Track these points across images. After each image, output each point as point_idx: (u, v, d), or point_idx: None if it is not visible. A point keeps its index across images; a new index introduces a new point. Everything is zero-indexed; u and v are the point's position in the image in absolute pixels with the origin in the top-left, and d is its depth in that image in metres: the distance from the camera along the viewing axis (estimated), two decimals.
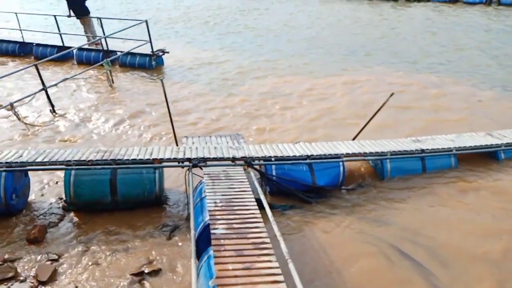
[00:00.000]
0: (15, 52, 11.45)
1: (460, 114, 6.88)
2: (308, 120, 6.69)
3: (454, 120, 6.64)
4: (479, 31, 13.37)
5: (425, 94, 7.81)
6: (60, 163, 4.23)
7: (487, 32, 13.25)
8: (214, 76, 9.23)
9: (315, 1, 22.65)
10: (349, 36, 13.22)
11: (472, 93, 7.91)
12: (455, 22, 15.02)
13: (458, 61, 10.10)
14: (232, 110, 7.22)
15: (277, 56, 10.83)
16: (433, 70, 9.32)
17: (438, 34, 13.01)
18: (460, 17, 15.97)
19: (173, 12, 20.05)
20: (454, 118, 6.72)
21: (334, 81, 8.63)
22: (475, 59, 10.25)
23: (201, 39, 13.52)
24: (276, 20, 16.66)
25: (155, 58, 9.80)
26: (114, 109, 7.40)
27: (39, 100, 7.49)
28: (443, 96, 7.70)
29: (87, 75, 9.10)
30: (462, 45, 11.58)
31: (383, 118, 5.88)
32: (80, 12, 10.32)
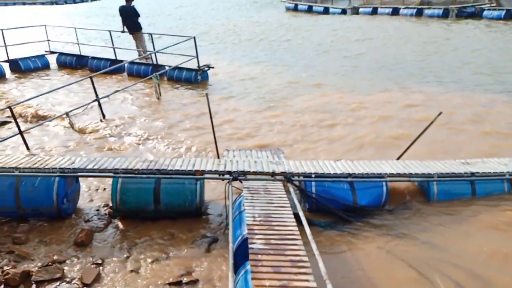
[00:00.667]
0: (72, 65, 12.26)
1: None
2: (352, 138, 6.57)
3: (508, 143, 6.25)
4: None
5: (477, 115, 7.42)
6: (109, 170, 4.44)
7: None
8: (257, 91, 9.35)
9: (359, 17, 22.52)
10: (398, 52, 12.97)
11: None
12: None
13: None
14: (274, 125, 7.25)
15: (323, 72, 10.83)
16: (487, 91, 8.86)
17: (493, 53, 12.43)
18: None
19: (220, 29, 20.67)
20: (508, 141, 6.34)
21: (381, 98, 8.43)
22: None
23: (247, 54, 13.81)
24: (322, 36, 16.69)
25: (200, 73, 10.11)
26: (160, 120, 7.68)
27: (92, 110, 7.91)
28: (496, 118, 7.28)
29: (136, 88, 9.55)
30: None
31: (430, 138, 5.66)
32: (133, 28, 10.89)
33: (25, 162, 4.56)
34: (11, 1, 54.77)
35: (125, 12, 10.76)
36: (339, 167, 4.55)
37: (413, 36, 15.81)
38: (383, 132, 6.74)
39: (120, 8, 10.83)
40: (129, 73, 11.07)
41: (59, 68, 12.40)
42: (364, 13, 23.89)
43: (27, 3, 51.51)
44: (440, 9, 19.95)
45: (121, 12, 10.81)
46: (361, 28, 18.68)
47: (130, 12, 10.72)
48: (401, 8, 21.88)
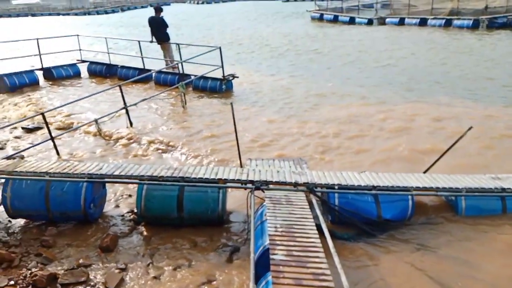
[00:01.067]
0: (102, 73, 12.66)
1: None
2: (377, 150, 6.46)
3: None
4: None
5: (510, 129, 7.15)
6: (135, 177, 4.54)
7: None
8: (282, 101, 9.36)
9: (386, 27, 22.28)
10: (426, 64, 12.71)
11: None
12: None
13: None
14: (297, 135, 7.23)
15: (349, 83, 10.73)
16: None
17: None
18: None
19: (246, 39, 20.90)
20: None
21: (409, 110, 8.21)
22: None
23: (272, 64, 13.89)
24: (348, 46, 16.60)
25: (225, 82, 10.22)
26: (184, 129, 7.80)
27: (119, 118, 8.11)
28: None
29: (163, 96, 9.74)
30: None
31: (459, 152, 5.51)
32: (162, 38, 11.17)
33: (55, 167, 4.71)
34: (47, 12, 57.35)
35: (154, 23, 11.06)
36: (363, 179, 4.48)
37: (441, 47, 15.49)
38: (410, 145, 6.59)
39: (149, 19, 11.14)
40: (156, 82, 11.32)
41: (89, 77, 12.84)
42: (391, 24, 23.52)
43: (62, 14, 53.80)
44: (470, 20, 19.39)
45: (151, 23, 11.12)
46: (388, 38, 18.48)
47: (159, 23, 11.01)
48: (430, 19, 21.45)
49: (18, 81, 11.35)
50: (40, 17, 52.16)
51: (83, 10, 56.03)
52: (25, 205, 4.46)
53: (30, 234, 4.41)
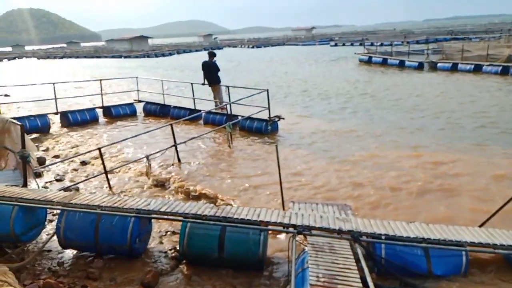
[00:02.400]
0: (157, 113, 13.39)
1: None
2: (427, 200, 6.15)
3: None
4: None
5: None
6: (179, 214, 4.63)
7: None
8: (328, 145, 9.29)
9: (437, 73, 21.82)
10: (482, 114, 12.10)
11: None
12: None
13: None
14: (342, 179, 7.09)
15: (400, 129, 10.45)
16: None
17: None
18: None
19: (293, 81, 21.33)
20: None
21: (461, 158, 7.85)
22: None
23: (318, 107, 13.99)
24: (398, 92, 16.38)
25: (271, 124, 10.39)
26: (229, 168, 7.94)
27: (169, 155, 8.43)
28: None
29: (211, 136, 10.06)
30: None
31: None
32: (213, 81, 11.74)
33: (107, 201, 4.94)
34: (110, 54, 62.38)
35: (207, 66, 11.70)
36: (413, 230, 4.25)
37: (500, 96, 14.79)
38: (463, 195, 6.22)
39: (203, 63, 11.81)
40: (205, 121, 11.76)
41: (145, 116, 13.61)
42: (443, 69, 22.91)
43: (123, 56, 58.24)
44: None
45: (204, 67, 11.77)
46: (441, 84, 18.04)
47: (211, 67, 11.63)
48: (485, 65, 20.70)
49: (80, 118, 12.29)
50: (104, 59, 56.74)
51: (143, 53, 60.29)
52: (76, 236, 4.68)
53: (78, 265, 4.58)
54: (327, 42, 64.39)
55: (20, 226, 4.79)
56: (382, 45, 41.57)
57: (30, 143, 6.37)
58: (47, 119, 11.83)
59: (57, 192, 5.42)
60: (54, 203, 4.93)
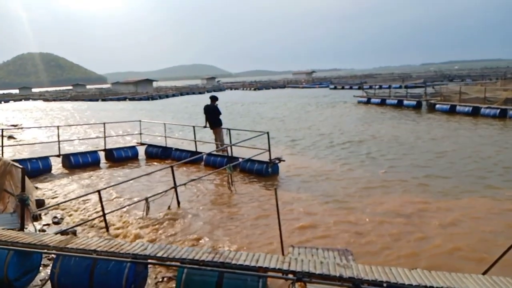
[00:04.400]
0: (158, 155, 13.48)
1: None
2: (430, 247, 6.02)
3: None
4: None
5: None
6: (176, 260, 4.54)
7: None
8: (329, 187, 9.23)
9: (436, 114, 22.09)
10: (481, 158, 12.20)
11: None
12: None
13: None
14: (343, 223, 7.00)
15: (403, 172, 10.36)
16: None
17: None
18: None
19: (294, 123, 21.59)
20: None
21: (466, 204, 7.75)
22: None
23: (319, 149, 14.05)
24: (399, 133, 16.51)
25: (271, 166, 10.41)
26: (230, 211, 7.87)
27: (169, 197, 8.38)
28: None
29: (211, 178, 10.05)
30: None
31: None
32: (215, 123, 11.92)
33: (103, 245, 4.87)
34: (115, 96, 63.64)
35: (209, 110, 11.94)
36: (415, 277, 4.14)
37: (498, 140, 14.90)
38: (466, 241, 6.11)
39: (205, 107, 12.06)
40: (206, 163, 11.81)
41: (146, 158, 13.69)
42: (441, 110, 23.26)
43: (128, 98, 59.39)
44: None
45: (206, 110, 12.00)
46: (441, 126, 18.23)
47: (213, 111, 11.86)
48: (483, 107, 20.99)
49: (82, 160, 12.36)
50: (110, 101, 57.88)
51: (147, 95, 61.52)
52: (70, 281, 4.57)
53: None
54: (327, 85, 65.76)
55: (14, 271, 4.71)
56: (380, 87, 42.50)
57: (29, 185, 6.37)
58: (48, 161, 11.91)
59: (53, 236, 5.36)
60: (49, 247, 4.86)
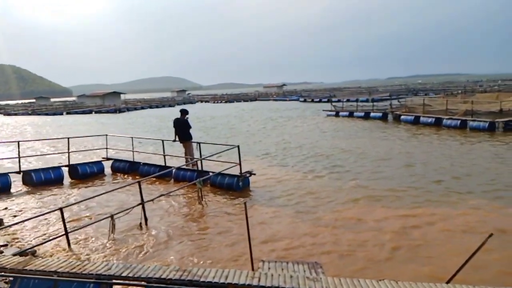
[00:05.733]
0: (125, 170, 13.13)
1: None
2: (397, 256, 6.15)
3: None
4: None
5: None
6: (142, 279, 4.39)
7: None
8: (298, 201, 9.23)
9: (401, 125, 22.84)
10: (442, 166, 12.67)
11: None
12: None
13: None
14: (313, 237, 7.02)
15: (371, 182, 10.56)
16: None
17: None
18: None
19: (265, 135, 21.68)
20: None
21: (427, 213, 8.00)
22: None
23: (290, 161, 14.15)
24: (369, 144, 16.89)
25: (242, 179, 10.36)
26: (199, 226, 7.75)
27: (136, 213, 8.15)
28: None
29: (180, 192, 9.88)
30: None
31: (482, 261, 5.19)
32: (184, 137, 11.78)
33: (65, 265, 4.66)
34: (81, 109, 61.82)
35: (178, 123, 11.79)
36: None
37: (458, 149, 15.57)
38: (430, 252, 6.27)
39: (174, 120, 11.91)
40: (175, 178, 11.60)
41: (113, 174, 13.28)
42: (406, 121, 24.24)
43: (94, 111, 57.84)
44: (485, 122, 19.60)
45: (175, 124, 11.85)
46: (403, 138, 18.83)
47: (183, 124, 11.72)
48: (445, 119, 21.92)
49: (44, 177, 11.85)
50: (75, 115, 56.17)
51: (114, 108, 60.13)
52: None
53: None
54: (297, 98, 66.81)
55: None
56: (348, 100, 43.76)
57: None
58: (8, 178, 11.36)
59: (10, 258, 5.08)
60: (6, 269, 4.61)
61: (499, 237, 6.33)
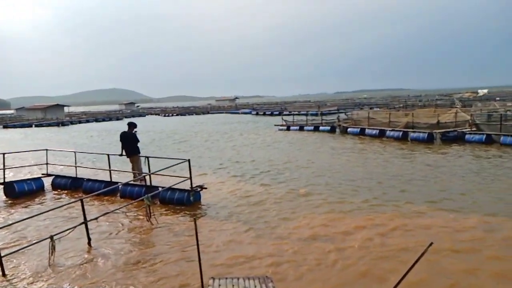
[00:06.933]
0: (67, 187, 12.38)
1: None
2: (342, 266, 6.25)
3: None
4: None
5: (472, 241, 7.15)
6: None
7: None
8: (250, 215, 9.11)
9: (348, 137, 23.71)
10: (384, 176, 13.23)
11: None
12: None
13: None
14: (264, 251, 6.96)
15: (323, 193, 10.75)
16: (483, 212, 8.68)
17: (479, 177, 12.76)
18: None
19: (217, 148, 21.52)
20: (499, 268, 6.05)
21: (371, 221, 8.29)
22: None
23: (243, 174, 14.12)
24: (320, 157, 17.27)
25: (193, 194, 10.14)
26: (147, 245, 7.44)
27: (79, 233, 7.67)
28: (494, 243, 7.01)
29: (127, 210, 9.46)
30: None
31: (421, 272, 5.43)
32: (132, 152, 11.32)
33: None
34: (19, 122, 57.87)
35: (126, 137, 11.33)
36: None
37: (398, 158, 16.39)
38: (377, 262, 6.46)
39: (121, 134, 11.42)
40: (122, 194, 11.09)
41: (53, 191, 12.45)
42: (353, 133, 25.47)
43: (35, 124, 54.39)
44: (424, 133, 20.98)
45: (122, 137, 11.36)
46: (351, 148, 19.53)
47: (130, 138, 11.28)
48: (387, 130, 23.14)
49: None
50: (13, 128, 52.52)
51: (57, 121, 57.00)
52: None
53: None
54: (250, 111, 67.37)
55: None
56: (299, 113, 44.88)
57: None
58: None
59: None
60: None
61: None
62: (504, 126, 18.89)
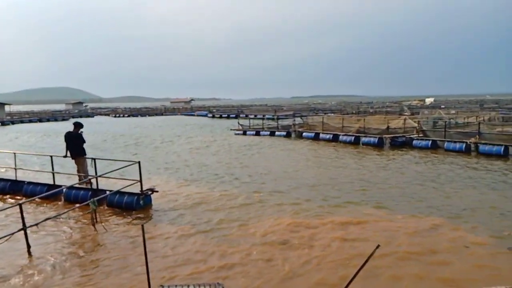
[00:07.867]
0: (6, 190, 11.46)
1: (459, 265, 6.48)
2: (295, 274, 6.22)
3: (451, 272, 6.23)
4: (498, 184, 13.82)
5: (420, 244, 7.39)
6: None
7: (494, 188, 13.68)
8: (203, 219, 8.87)
9: (303, 141, 24.10)
10: (334, 178, 13.51)
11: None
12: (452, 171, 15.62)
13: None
14: (216, 256, 6.79)
15: (275, 194, 10.79)
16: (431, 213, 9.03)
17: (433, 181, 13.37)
18: (451, 164, 16.70)
19: (172, 151, 20.98)
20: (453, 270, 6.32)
21: (322, 223, 8.38)
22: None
23: (197, 176, 13.86)
24: (274, 159, 17.32)
25: (143, 198, 9.72)
26: (91, 253, 7.01)
27: (17, 241, 7.07)
28: (441, 243, 7.30)
29: (71, 215, 8.88)
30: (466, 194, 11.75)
31: (370, 273, 5.51)
32: (77, 153, 10.68)
33: None
34: None
35: (71, 138, 10.68)
36: None
37: (349, 163, 16.84)
38: (324, 264, 6.51)
39: (66, 134, 10.75)
40: (66, 198, 10.41)
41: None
42: (308, 137, 25.89)
43: None
44: (375, 138, 21.85)
45: (67, 138, 10.70)
46: (306, 154, 19.83)
47: (76, 138, 10.65)
48: (341, 135, 23.82)
49: None
50: None
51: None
52: None
53: None
54: (206, 114, 66.67)
55: None
56: (255, 117, 44.99)
57: None
58: None
59: None
60: None
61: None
62: (447, 133, 20.09)
